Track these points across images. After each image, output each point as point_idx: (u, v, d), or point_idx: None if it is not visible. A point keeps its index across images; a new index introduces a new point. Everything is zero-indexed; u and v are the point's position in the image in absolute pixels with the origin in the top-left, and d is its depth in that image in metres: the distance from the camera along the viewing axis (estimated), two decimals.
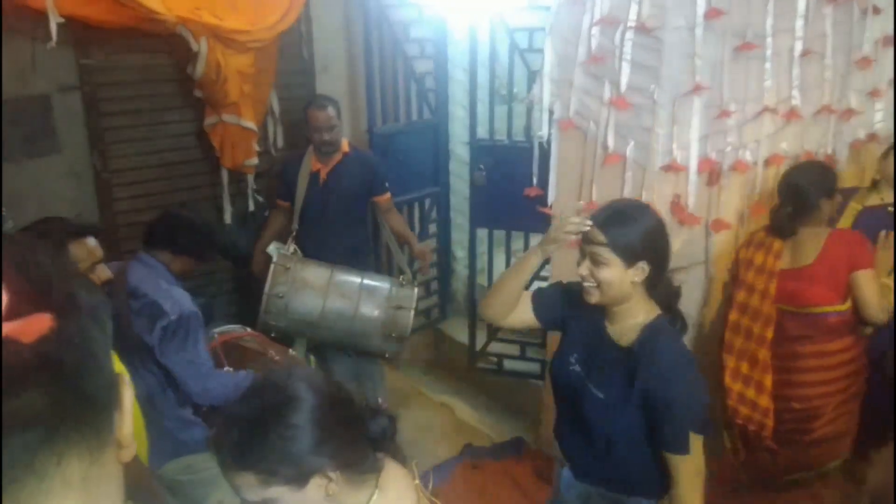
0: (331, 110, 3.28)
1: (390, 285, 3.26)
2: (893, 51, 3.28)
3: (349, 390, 1.30)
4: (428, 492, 1.34)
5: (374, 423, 1.29)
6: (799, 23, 2.91)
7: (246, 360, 2.72)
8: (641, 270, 1.78)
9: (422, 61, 4.00)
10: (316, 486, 1.20)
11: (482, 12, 3.51)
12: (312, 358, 3.25)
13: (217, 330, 2.92)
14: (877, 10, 3.10)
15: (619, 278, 1.78)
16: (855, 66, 3.20)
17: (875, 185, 3.02)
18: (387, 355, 3.29)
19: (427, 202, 4.23)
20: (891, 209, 2.86)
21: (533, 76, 3.28)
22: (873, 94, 3.33)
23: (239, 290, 3.87)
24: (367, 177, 3.44)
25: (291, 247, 3.35)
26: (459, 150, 4.15)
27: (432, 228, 4.27)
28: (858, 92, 3.28)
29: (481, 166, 3.69)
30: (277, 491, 1.18)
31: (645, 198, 2.79)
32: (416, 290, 3.32)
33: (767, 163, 3.05)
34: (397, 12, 3.82)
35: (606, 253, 1.78)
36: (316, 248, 3.36)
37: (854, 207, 3.03)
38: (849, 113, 3.24)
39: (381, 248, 3.92)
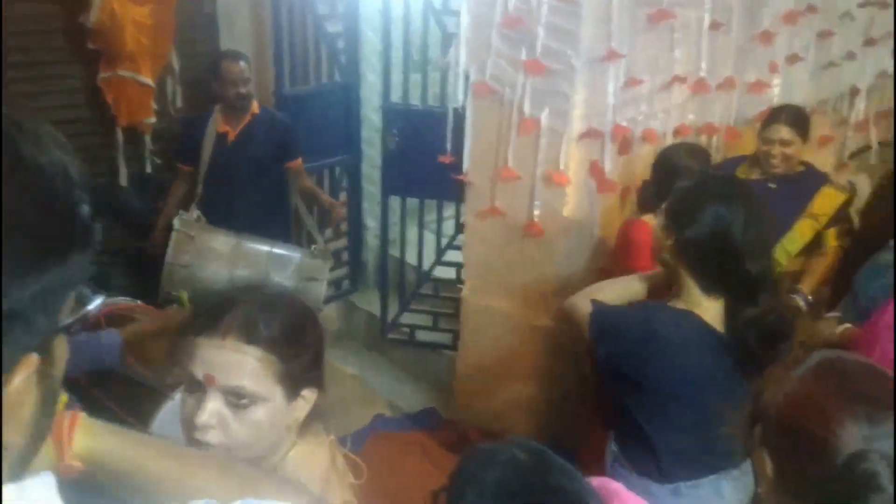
0: (243, 63, 3.13)
1: (301, 255, 3.15)
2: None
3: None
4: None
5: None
6: None
7: None
8: None
9: (333, 21, 3.85)
10: (295, 405, 1.15)
11: None
12: None
13: (103, 301, 2.74)
14: None
15: None
16: (756, 41, 3.29)
17: (755, 159, 3.07)
18: None
19: (337, 170, 4.11)
20: (771, 185, 2.94)
21: (448, 39, 3.21)
22: (772, 68, 3.44)
23: (137, 259, 3.66)
24: (280, 140, 3.30)
25: (195, 213, 3.18)
26: (372, 116, 4.05)
27: (342, 197, 4.16)
28: (759, 66, 3.38)
29: (394, 131, 3.60)
30: (276, 391, 1.11)
31: (561, 164, 2.79)
32: (329, 260, 3.22)
33: (675, 133, 3.11)
34: None
35: None
36: (222, 214, 3.21)
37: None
38: (754, 86, 3.34)
39: (292, 216, 3.79)
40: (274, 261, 3.07)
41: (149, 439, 1.02)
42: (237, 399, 1.09)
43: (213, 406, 1.08)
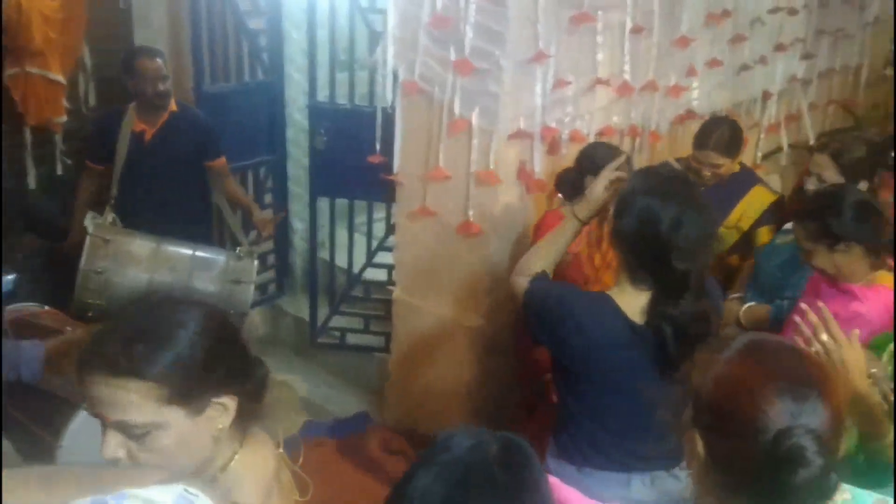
0: (160, 60, 3.01)
1: (226, 258, 3.06)
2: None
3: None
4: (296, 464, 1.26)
5: (257, 368, 1.20)
6: None
7: (40, 338, 2.44)
8: None
9: (255, 17, 3.76)
10: (208, 418, 1.10)
11: None
12: None
13: (8, 308, 2.60)
14: None
15: None
16: (676, 45, 3.38)
17: (689, 167, 3.14)
18: None
19: (262, 171, 4.01)
20: (702, 186, 3.02)
21: (375, 37, 3.18)
22: (690, 72, 3.54)
23: (48, 266, 3.47)
24: (199, 138, 3.19)
25: (110, 216, 3.04)
26: (297, 115, 3.96)
27: (268, 199, 4.06)
28: (678, 70, 3.48)
29: (321, 131, 3.54)
30: (173, 414, 1.06)
31: (491, 164, 2.80)
32: (255, 262, 3.13)
33: (600, 134, 3.15)
34: None
35: None
36: (140, 217, 3.08)
37: None
38: (674, 90, 3.43)
39: (215, 218, 3.67)
40: (197, 264, 2.97)
41: None
42: (132, 430, 1.05)
43: (113, 440, 1.06)
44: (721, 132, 2.93)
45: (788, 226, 2.77)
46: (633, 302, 1.75)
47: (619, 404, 1.80)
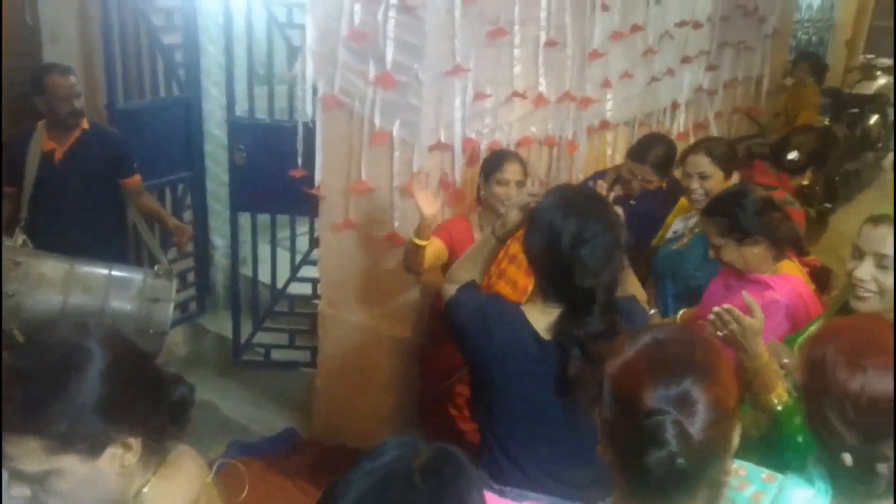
0: (73, 78, 2.92)
1: (144, 276, 2.97)
2: None
3: (147, 352, 1.17)
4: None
5: (174, 389, 1.18)
6: (543, 13, 3.11)
7: None
8: None
9: (170, 33, 3.69)
10: (111, 456, 1.06)
11: None
12: None
13: None
14: (605, 7, 3.42)
15: None
16: (589, 59, 3.50)
17: (617, 177, 3.22)
18: None
19: (180, 187, 3.93)
20: (632, 200, 3.13)
21: (294, 52, 3.17)
22: (604, 84, 3.67)
23: None
24: (112, 156, 3.11)
25: (20, 238, 2.92)
26: (215, 130, 3.91)
27: (187, 216, 3.98)
28: (593, 82, 3.59)
29: (241, 146, 3.50)
30: (66, 461, 1.03)
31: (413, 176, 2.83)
32: (174, 280, 3.06)
33: (518, 145, 3.23)
34: None
35: None
36: (52, 238, 2.97)
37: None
38: (586, 101, 3.54)
39: (131, 236, 3.57)
40: (114, 284, 2.88)
41: None
42: (27, 476, 1.03)
43: (14, 483, 1.04)
44: (658, 151, 3.05)
45: (678, 226, 2.91)
46: (543, 317, 1.73)
47: (531, 421, 1.76)
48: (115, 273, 2.92)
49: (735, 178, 2.82)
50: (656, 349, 1.13)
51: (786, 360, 1.77)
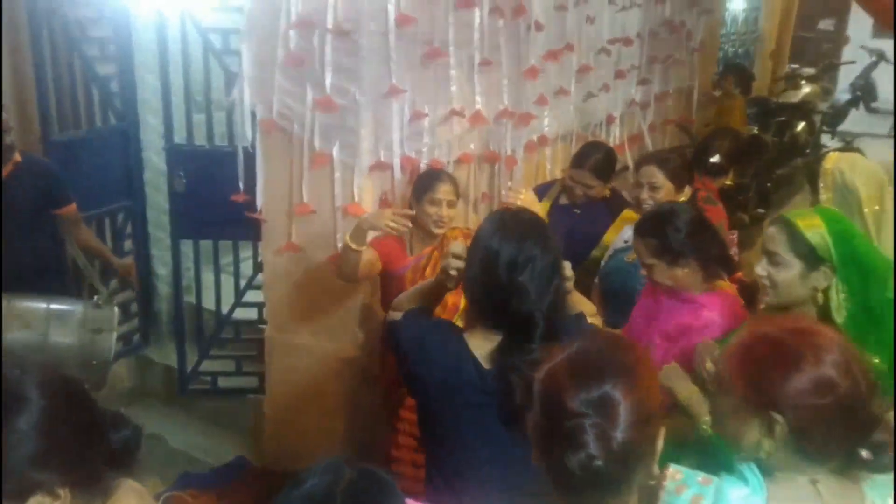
0: (3, 113, 2.88)
1: (84, 307, 2.93)
2: None
3: (89, 394, 1.13)
4: None
5: (116, 433, 1.15)
6: (476, 34, 3.18)
7: None
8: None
9: (104, 63, 3.66)
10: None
11: (170, 12, 3.32)
12: None
13: None
14: (539, 26, 3.51)
15: None
16: (524, 77, 3.58)
17: (564, 187, 3.31)
18: (87, 386, 2.93)
19: (120, 217, 3.88)
20: (576, 210, 3.22)
21: (231, 78, 3.18)
22: (540, 101, 3.75)
23: None
24: (45, 187, 3.06)
25: None
26: (154, 159, 3.87)
27: (128, 245, 3.93)
28: (529, 99, 3.68)
29: (181, 173, 3.48)
30: None
31: (355, 197, 2.86)
32: (115, 310, 3.02)
33: (458, 162, 3.29)
34: (73, 9, 3.47)
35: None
36: None
37: (545, 205, 3.36)
38: (523, 117, 3.62)
39: (69, 267, 3.51)
40: (53, 317, 2.83)
41: None
42: None
43: None
44: (597, 157, 3.15)
45: (627, 235, 2.98)
46: (484, 345, 1.67)
47: (474, 450, 1.70)
48: (53, 306, 2.87)
49: (686, 192, 2.88)
50: (580, 355, 1.17)
51: (708, 365, 1.83)
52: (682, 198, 2.88)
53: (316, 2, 2.68)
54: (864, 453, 1.20)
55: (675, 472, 1.27)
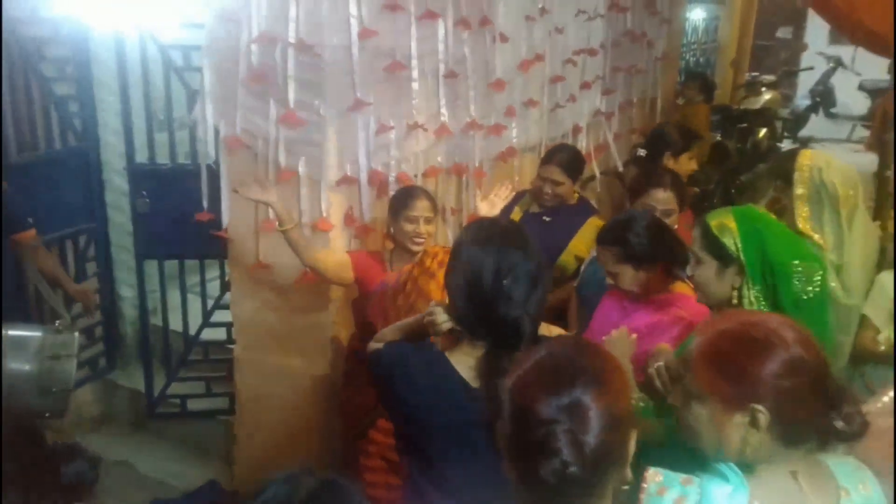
0: None
1: (43, 333, 2.84)
2: None
3: (39, 428, 1.08)
4: None
5: (69, 467, 1.11)
6: (440, 46, 3.18)
7: None
8: None
9: (62, 83, 3.59)
10: None
11: (129, 30, 3.27)
12: None
13: None
14: (504, 38, 3.52)
15: None
16: (492, 89, 3.58)
17: (533, 193, 3.31)
18: (47, 414, 2.85)
19: (82, 240, 3.79)
20: (546, 217, 3.22)
21: (193, 96, 3.14)
22: (509, 112, 3.76)
23: None
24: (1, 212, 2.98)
25: None
26: (116, 179, 3.80)
27: (91, 268, 3.84)
28: (497, 111, 3.68)
29: (143, 193, 3.42)
30: None
31: (323, 211, 2.82)
32: (76, 335, 2.93)
33: (426, 175, 3.27)
34: (29, 29, 3.39)
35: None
36: None
37: (517, 212, 3.35)
38: (491, 129, 3.62)
39: (29, 293, 3.42)
40: (10, 344, 2.74)
41: None
42: None
43: None
44: (565, 153, 3.23)
45: None
46: (469, 361, 1.64)
47: (461, 472, 1.66)
48: (10, 333, 2.78)
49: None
50: (548, 361, 1.16)
51: (659, 364, 1.85)
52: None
53: (277, 16, 2.66)
54: (839, 424, 1.24)
55: (655, 474, 1.26)
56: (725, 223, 1.86)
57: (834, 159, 2.79)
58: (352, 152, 2.86)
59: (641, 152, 3.88)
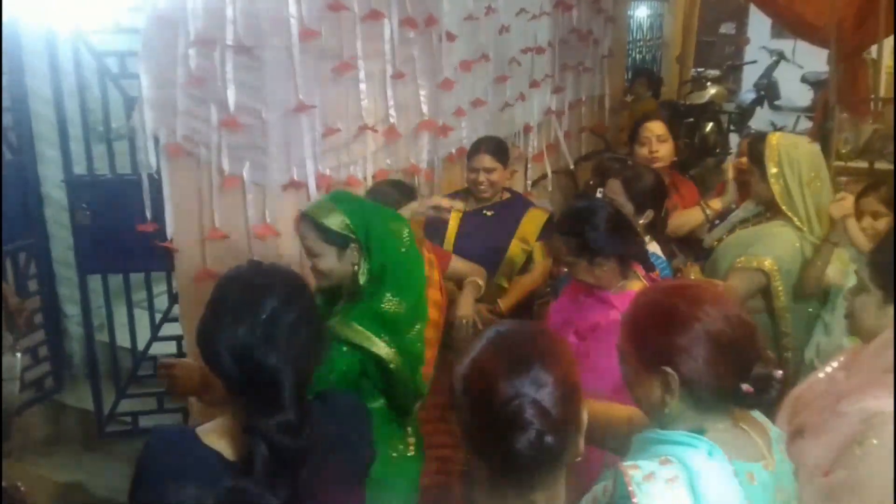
0: None
1: None
2: None
3: None
4: None
5: None
6: (387, 47, 3.14)
7: None
8: None
9: None
10: None
11: (62, 37, 3.17)
12: None
13: None
14: (451, 37, 3.50)
15: None
16: (440, 88, 3.56)
17: (468, 191, 3.33)
18: None
19: (22, 256, 3.66)
20: (487, 212, 3.21)
21: (131, 103, 3.05)
22: (458, 112, 3.74)
23: None
24: None
25: None
26: (55, 193, 3.68)
27: (33, 286, 3.71)
28: (446, 111, 3.65)
29: (84, 205, 3.31)
30: None
31: (268, 217, 2.76)
32: (18, 355, 2.83)
33: (375, 177, 3.22)
34: None
35: None
36: None
37: (456, 215, 3.33)
38: (442, 129, 3.59)
39: None
40: None
41: None
42: None
43: None
44: (489, 141, 3.23)
45: None
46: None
47: None
48: None
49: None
50: (502, 342, 1.20)
51: None
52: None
53: (214, 18, 2.59)
54: (745, 387, 1.30)
55: (630, 466, 1.26)
56: (330, 209, 2.01)
57: (800, 140, 2.90)
58: (298, 156, 2.80)
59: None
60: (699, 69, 8.22)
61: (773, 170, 2.73)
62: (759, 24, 10.09)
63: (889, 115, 4.88)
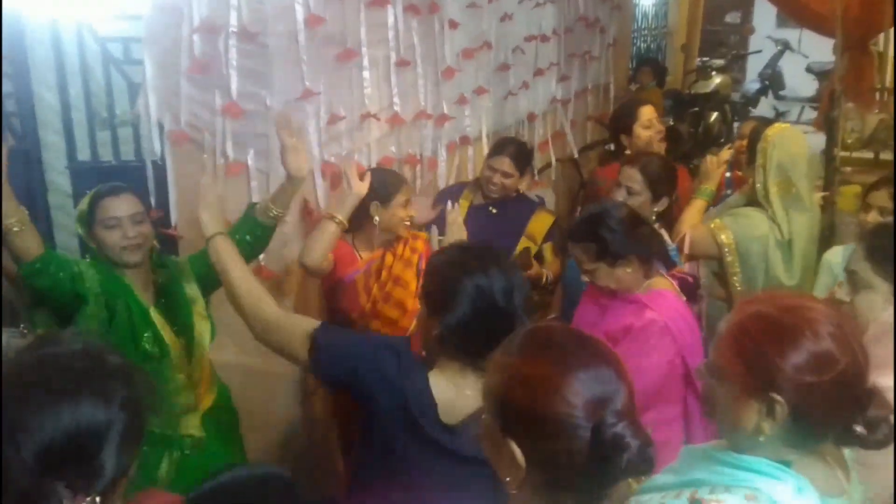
0: None
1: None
2: None
3: None
4: None
5: None
6: (390, 34, 3.13)
7: None
8: None
9: None
10: None
11: (65, 23, 3.15)
12: None
13: None
14: (454, 25, 3.48)
15: None
16: (442, 76, 3.55)
17: (477, 184, 3.31)
18: None
19: None
20: (493, 209, 3.20)
21: (135, 89, 3.03)
22: (461, 101, 3.73)
23: None
24: None
25: None
26: (59, 180, 3.67)
27: None
28: (448, 99, 3.64)
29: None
30: None
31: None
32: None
33: (379, 164, 3.22)
34: None
35: None
36: None
37: (464, 204, 3.32)
38: (443, 118, 3.58)
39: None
40: None
41: None
42: None
43: None
44: (515, 146, 3.21)
45: None
46: (451, 389, 1.61)
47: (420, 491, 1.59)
48: None
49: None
50: (559, 354, 1.10)
51: None
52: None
53: (219, 4, 2.57)
54: (859, 428, 1.18)
55: (713, 500, 1.16)
56: None
57: (798, 134, 2.90)
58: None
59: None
60: (704, 58, 8.19)
61: (759, 161, 2.77)
62: (764, 14, 10.05)
63: None
